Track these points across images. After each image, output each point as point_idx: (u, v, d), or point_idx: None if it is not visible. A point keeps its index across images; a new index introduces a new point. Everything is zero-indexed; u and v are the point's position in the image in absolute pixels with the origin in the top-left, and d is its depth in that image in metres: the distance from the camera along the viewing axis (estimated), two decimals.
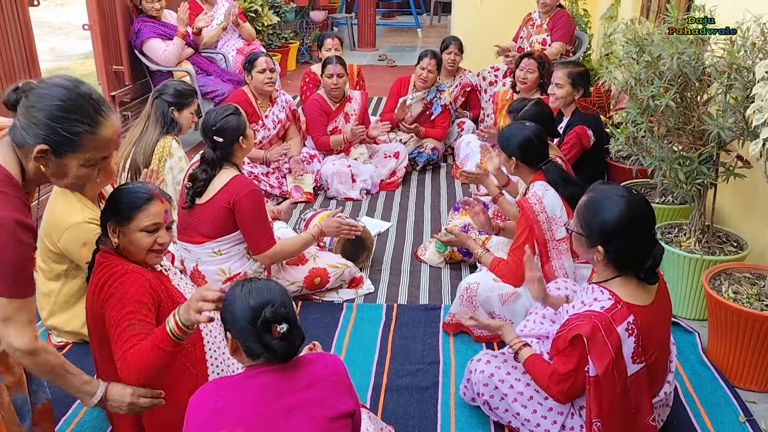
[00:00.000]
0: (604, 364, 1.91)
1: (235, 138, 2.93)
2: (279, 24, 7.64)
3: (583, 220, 2.03)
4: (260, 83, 4.20)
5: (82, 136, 1.62)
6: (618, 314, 1.94)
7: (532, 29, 5.53)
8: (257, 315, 1.59)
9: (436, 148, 4.92)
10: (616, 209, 1.96)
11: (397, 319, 3.05)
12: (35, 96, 1.61)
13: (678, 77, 2.56)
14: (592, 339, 1.92)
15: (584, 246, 2.06)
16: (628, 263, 1.99)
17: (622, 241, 1.96)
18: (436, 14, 12.49)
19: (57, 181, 1.70)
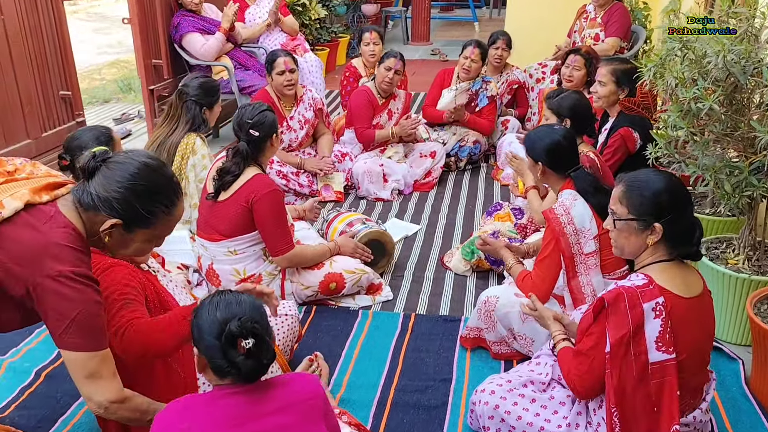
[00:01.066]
0: (618, 335, 1.80)
1: (270, 133, 2.89)
2: (328, 18, 7.55)
3: (631, 202, 1.90)
4: (280, 85, 4.09)
5: (159, 215, 1.68)
6: (647, 292, 1.82)
7: (585, 22, 5.23)
8: (223, 329, 1.48)
9: (478, 141, 4.70)
10: (660, 181, 1.88)
11: (413, 329, 2.89)
12: (119, 169, 1.64)
13: (726, 78, 2.29)
14: (614, 306, 1.82)
15: (635, 233, 1.91)
16: (682, 238, 1.88)
17: (678, 211, 1.86)
18: (495, 7, 12.16)
19: (115, 250, 1.73)
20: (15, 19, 3.49)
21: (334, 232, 3.37)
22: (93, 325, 1.62)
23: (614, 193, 1.95)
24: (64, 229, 1.61)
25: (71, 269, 1.57)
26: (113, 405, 1.66)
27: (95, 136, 2.61)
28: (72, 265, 1.58)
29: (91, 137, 2.60)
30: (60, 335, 1.60)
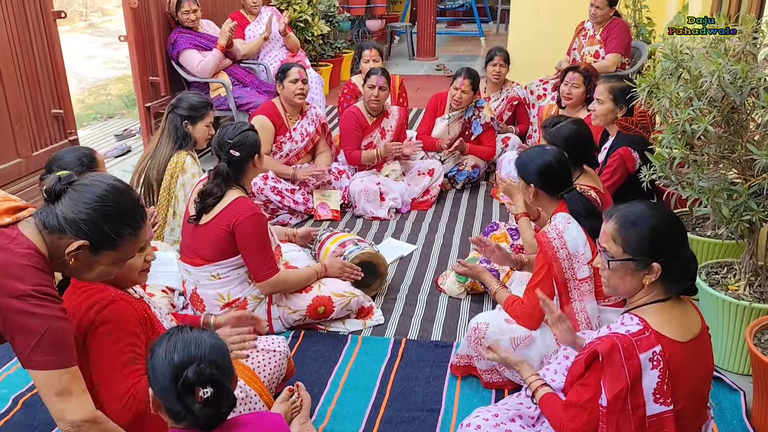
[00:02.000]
0: (615, 389, 1.66)
1: (251, 155, 2.82)
2: (333, 33, 7.53)
3: (627, 241, 1.75)
4: (291, 93, 4.07)
5: (125, 237, 1.68)
6: (644, 341, 1.68)
7: (584, 40, 5.15)
8: (179, 374, 1.41)
9: (477, 165, 4.63)
10: (656, 216, 1.75)
11: (403, 356, 2.80)
12: (87, 191, 1.64)
13: (722, 98, 2.21)
14: (609, 359, 1.68)
15: (631, 273, 1.77)
16: (679, 275, 1.75)
17: (676, 247, 1.74)
18: (502, 22, 12.10)
19: (79, 273, 1.72)
20: (5, 37, 3.47)
21: (326, 253, 3.30)
22: (61, 341, 1.60)
23: (605, 228, 1.81)
24: (27, 250, 1.59)
25: (33, 288, 1.56)
26: (86, 424, 1.62)
27: (78, 158, 2.57)
28: (34, 284, 1.57)
29: (73, 159, 2.57)
30: (28, 355, 1.58)
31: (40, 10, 3.65)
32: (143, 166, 3.34)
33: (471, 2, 10.77)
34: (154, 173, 3.28)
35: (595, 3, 4.97)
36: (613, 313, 2.47)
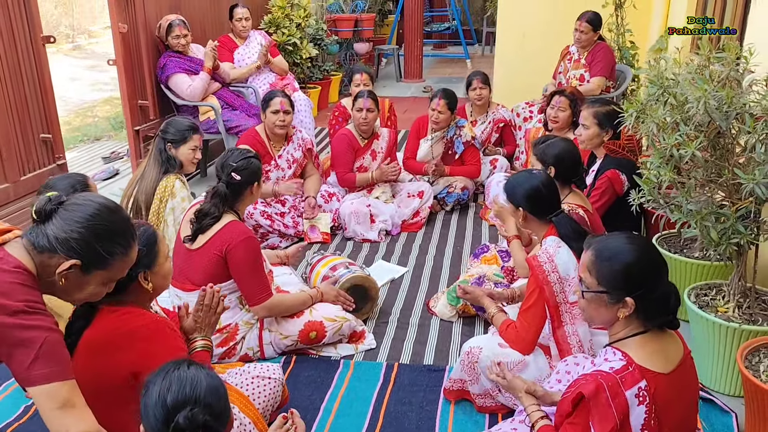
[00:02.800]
0: (606, 429, 1.65)
1: (252, 181, 2.86)
2: (321, 56, 7.59)
3: (601, 274, 1.77)
4: (272, 124, 4.07)
5: (117, 256, 1.68)
6: (628, 377, 1.68)
7: (569, 64, 5.23)
8: (170, 418, 1.37)
9: (467, 187, 4.66)
10: (632, 251, 1.75)
11: (395, 380, 2.79)
12: (78, 210, 1.64)
13: (708, 123, 2.25)
14: (595, 400, 1.67)
15: (605, 306, 1.79)
16: (656, 311, 1.75)
17: (651, 282, 1.73)
18: (488, 44, 12.26)
19: (69, 293, 1.71)
20: None
21: (317, 276, 3.30)
22: (58, 352, 1.60)
23: (583, 259, 1.83)
24: (15, 269, 1.59)
25: (25, 304, 1.56)
26: None
27: (71, 184, 2.57)
28: (25, 300, 1.57)
29: (66, 185, 2.56)
30: (27, 370, 1.56)
31: (29, 34, 3.65)
32: (131, 191, 3.34)
33: (457, 25, 10.90)
34: (143, 197, 3.28)
35: (580, 28, 5.05)
36: (604, 336, 2.47)
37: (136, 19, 4.62)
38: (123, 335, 1.87)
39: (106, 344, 1.86)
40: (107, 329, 1.88)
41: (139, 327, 1.89)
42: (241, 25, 5.52)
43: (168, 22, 4.82)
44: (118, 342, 1.86)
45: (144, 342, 1.87)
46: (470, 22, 12.10)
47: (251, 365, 2.39)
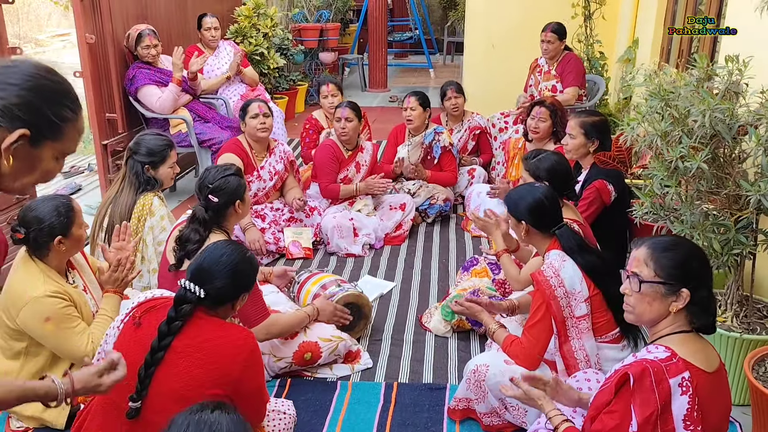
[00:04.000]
0: (645, 413, 1.66)
1: (232, 201, 2.72)
2: (286, 66, 7.48)
3: (660, 265, 1.78)
4: (253, 129, 3.99)
5: (67, 123, 1.37)
6: (672, 366, 1.70)
7: (540, 76, 5.27)
8: None
9: (449, 198, 4.63)
10: (688, 246, 1.82)
11: (396, 401, 2.72)
12: (12, 72, 1.32)
13: (711, 136, 2.26)
14: (639, 382, 1.68)
15: (660, 298, 1.79)
16: (704, 306, 1.77)
17: (703, 278, 1.77)
18: (449, 54, 12.35)
19: (18, 177, 1.37)
20: None
21: (308, 295, 3.20)
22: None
23: (636, 255, 1.84)
24: None
25: None
26: None
27: (54, 207, 2.42)
28: None
29: (50, 208, 2.41)
30: None
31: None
32: (104, 210, 3.18)
33: (419, 34, 10.93)
34: (118, 219, 3.11)
35: (546, 38, 5.10)
36: (611, 350, 2.47)
37: (104, 29, 4.43)
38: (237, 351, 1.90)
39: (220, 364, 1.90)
40: (229, 348, 1.91)
41: (242, 343, 1.93)
42: (210, 35, 5.38)
43: (137, 31, 4.65)
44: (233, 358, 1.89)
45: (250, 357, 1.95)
46: (431, 32, 12.15)
47: None
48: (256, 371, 1.95)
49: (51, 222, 2.37)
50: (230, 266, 1.95)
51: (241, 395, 1.89)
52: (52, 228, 2.38)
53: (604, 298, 2.46)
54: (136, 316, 1.95)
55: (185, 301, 1.88)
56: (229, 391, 1.86)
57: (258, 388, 1.97)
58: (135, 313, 1.97)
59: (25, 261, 2.43)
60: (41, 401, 1.56)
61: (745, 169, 2.45)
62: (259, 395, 2.00)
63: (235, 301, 2.00)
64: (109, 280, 2.67)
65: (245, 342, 1.91)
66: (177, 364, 1.83)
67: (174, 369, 1.83)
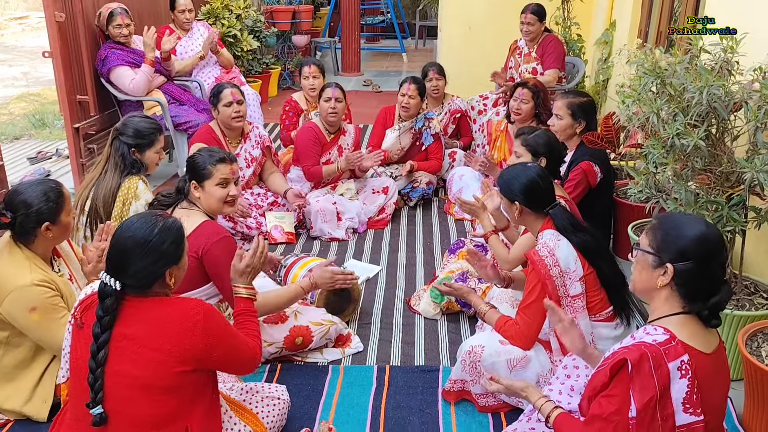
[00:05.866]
0: (644, 398, 1.63)
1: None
2: (259, 49, 7.34)
3: (656, 236, 1.77)
4: (227, 118, 3.85)
5: None
6: (671, 350, 1.67)
7: (520, 58, 5.24)
8: None
9: (431, 182, 4.60)
10: (696, 227, 1.74)
11: (389, 384, 2.69)
12: None
13: (705, 113, 2.26)
14: (638, 368, 1.65)
15: (648, 268, 1.78)
16: (695, 291, 1.72)
17: (696, 261, 1.71)
18: (421, 38, 12.28)
19: None
20: None
21: (295, 278, 3.14)
22: None
23: (650, 223, 1.84)
24: None
25: None
26: None
27: (43, 192, 2.31)
28: None
29: (38, 193, 2.30)
30: None
31: None
32: (87, 193, 3.06)
33: (392, 18, 10.84)
34: (101, 202, 3.01)
35: (525, 20, 5.07)
36: (605, 328, 2.47)
37: (73, 7, 4.25)
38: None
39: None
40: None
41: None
42: (185, 17, 5.21)
43: (109, 10, 4.48)
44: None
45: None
46: (403, 16, 12.07)
47: (257, 384, 2.26)
48: (221, 333, 1.81)
49: (39, 207, 2.27)
50: (139, 246, 1.75)
51: (215, 362, 1.81)
52: (40, 214, 2.27)
53: (597, 277, 2.46)
54: (77, 317, 1.83)
55: (106, 295, 1.74)
56: (198, 364, 1.77)
57: (229, 347, 1.85)
58: (75, 313, 1.85)
59: (10, 247, 2.32)
60: None
61: (732, 148, 2.46)
62: (235, 352, 1.88)
63: (163, 278, 1.81)
64: (93, 272, 2.57)
65: (194, 310, 1.78)
66: (131, 350, 1.73)
67: (130, 355, 1.73)
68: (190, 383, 1.78)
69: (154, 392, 1.73)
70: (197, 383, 1.80)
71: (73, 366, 1.81)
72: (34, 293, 2.27)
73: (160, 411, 1.74)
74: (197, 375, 1.79)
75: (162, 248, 1.78)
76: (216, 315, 1.83)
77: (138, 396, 1.72)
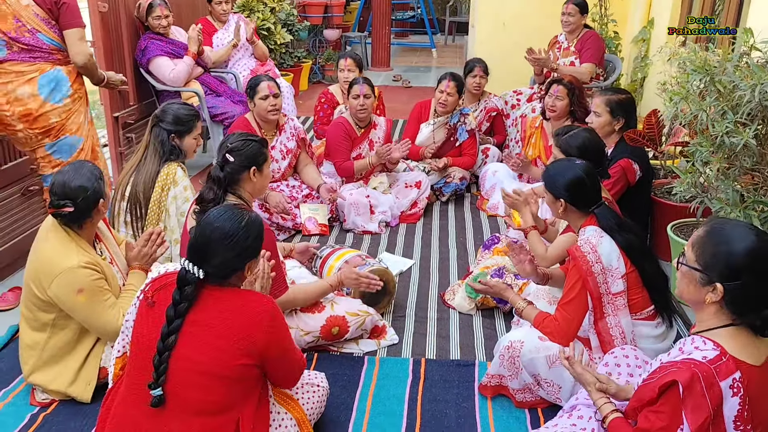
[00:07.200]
0: (699, 420, 1.60)
1: (247, 165, 2.61)
2: (292, 42, 7.37)
3: (704, 252, 1.69)
4: (264, 111, 3.87)
5: None
6: (722, 367, 1.62)
7: (559, 52, 5.20)
8: None
9: (464, 177, 4.59)
10: (747, 240, 1.64)
11: (425, 377, 2.69)
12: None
13: (759, 111, 2.23)
14: (689, 389, 1.60)
15: (695, 284, 1.71)
16: (747, 307, 1.66)
17: (748, 278, 1.63)
18: (450, 34, 12.24)
19: None
20: None
21: (331, 270, 3.16)
22: None
23: (694, 233, 1.77)
24: None
25: None
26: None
27: (89, 171, 2.39)
28: None
29: (87, 174, 2.38)
30: None
31: None
32: (127, 179, 3.11)
33: (422, 13, 10.81)
34: (141, 188, 3.06)
35: (567, 11, 5.02)
36: (645, 326, 2.45)
37: None
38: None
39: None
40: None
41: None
42: (222, 9, 5.26)
43: (148, 1, 4.53)
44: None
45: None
46: (433, 11, 12.02)
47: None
48: (282, 335, 1.87)
49: (94, 186, 2.35)
50: (226, 239, 1.80)
51: (269, 361, 1.85)
52: (96, 192, 2.36)
53: (639, 276, 2.43)
54: (149, 296, 1.88)
55: (187, 283, 1.78)
56: (257, 359, 1.81)
57: (285, 351, 1.90)
58: (147, 292, 1.90)
59: (56, 230, 2.38)
60: None
61: None
62: (288, 358, 1.93)
63: (242, 271, 1.89)
64: (137, 256, 2.63)
65: (264, 307, 1.83)
66: (200, 336, 1.77)
67: (197, 341, 1.77)
68: (249, 377, 1.81)
69: (214, 380, 1.76)
70: (254, 377, 1.84)
71: (135, 341, 1.85)
72: (81, 275, 2.32)
73: (216, 399, 1.77)
74: (256, 371, 1.83)
75: (247, 243, 1.85)
76: (281, 315, 1.88)
77: (198, 382, 1.76)
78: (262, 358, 1.83)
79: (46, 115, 3.10)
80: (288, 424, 2.04)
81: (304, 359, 2.05)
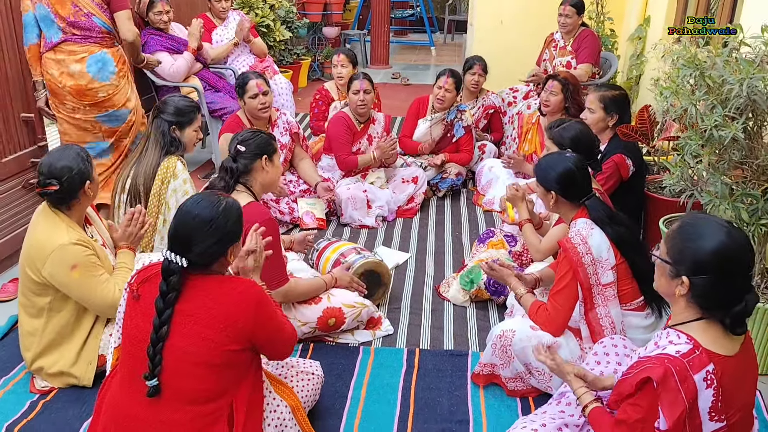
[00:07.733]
0: (675, 414, 1.63)
1: (259, 153, 2.68)
2: (291, 39, 7.41)
3: (673, 246, 1.74)
4: (254, 109, 3.89)
5: None
6: (695, 361, 1.65)
7: (554, 51, 5.25)
8: None
9: (461, 173, 4.63)
10: (715, 238, 1.67)
11: (419, 366, 2.74)
12: None
13: (746, 106, 2.27)
14: (664, 385, 1.64)
15: (666, 276, 1.76)
16: (714, 303, 1.70)
17: (715, 275, 1.67)
18: (449, 32, 12.27)
19: None
20: None
21: (327, 262, 3.21)
22: None
23: (670, 227, 1.82)
24: None
25: None
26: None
27: (76, 153, 2.45)
28: None
29: (73, 155, 2.45)
30: None
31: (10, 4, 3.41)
32: (128, 171, 3.15)
33: (421, 11, 10.85)
34: (142, 180, 3.09)
35: (564, 12, 5.06)
36: (635, 317, 2.49)
37: None
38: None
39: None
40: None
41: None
42: (221, 6, 5.29)
43: None
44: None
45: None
46: (432, 10, 12.06)
47: (292, 359, 2.32)
48: (267, 317, 1.88)
49: (79, 167, 2.39)
50: (206, 225, 1.82)
51: (259, 342, 1.87)
52: (82, 173, 2.40)
53: (629, 267, 2.48)
54: (134, 289, 1.90)
55: (171, 273, 1.79)
56: (246, 343, 1.84)
57: (274, 331, 1.92)
58: (132, 285, 1.92)
59: (46, 214, 2.43)
60: None
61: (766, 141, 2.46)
62: (278, 337, 1.95)
63: (225, 256, 1.89)
64: (122, 236, 2.68)
65: (248, 292, 1.84)
66: (188, 327, 1.79)
67: (186, 331, 1.79)
68: (239, 362, 1.84)
69: (205, 368, 1.79)
70: (245, 362, 1.87)
71: (126, 334, 1.88)
72: (74, 251, 2.37)
73: (209, 386, 1.80)
74: (246, 354, 1.86)
75: (227, 227, 1.85)
76: (266, 299, 1.90)
77: (190, 371, 1.78)
78: (251, 341, 1.85)
79: (95, 90, 3.58)
80: (282, 411, 2.08)
81: (294, 332, 2.04)
